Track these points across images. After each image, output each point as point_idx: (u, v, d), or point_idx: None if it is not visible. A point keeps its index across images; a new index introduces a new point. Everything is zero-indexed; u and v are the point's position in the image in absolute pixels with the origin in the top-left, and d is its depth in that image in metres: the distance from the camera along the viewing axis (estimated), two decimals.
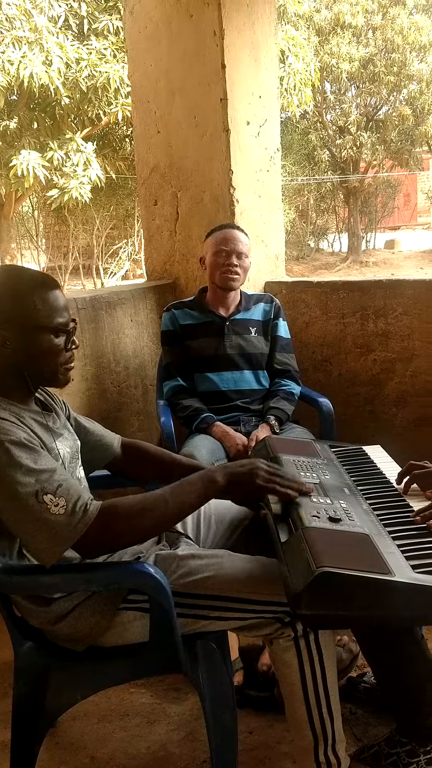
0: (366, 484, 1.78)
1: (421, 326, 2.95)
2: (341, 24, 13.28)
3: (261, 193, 3.23)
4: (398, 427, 3.10)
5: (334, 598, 1.26)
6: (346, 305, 3.16)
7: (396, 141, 14.82)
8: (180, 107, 3.11)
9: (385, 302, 3.04)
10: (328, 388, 3.16)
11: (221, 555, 1.56)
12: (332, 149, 14.87)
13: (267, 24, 3.11)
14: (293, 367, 2.79)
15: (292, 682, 1.50)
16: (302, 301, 3.29)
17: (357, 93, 14.58)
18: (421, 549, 1.39)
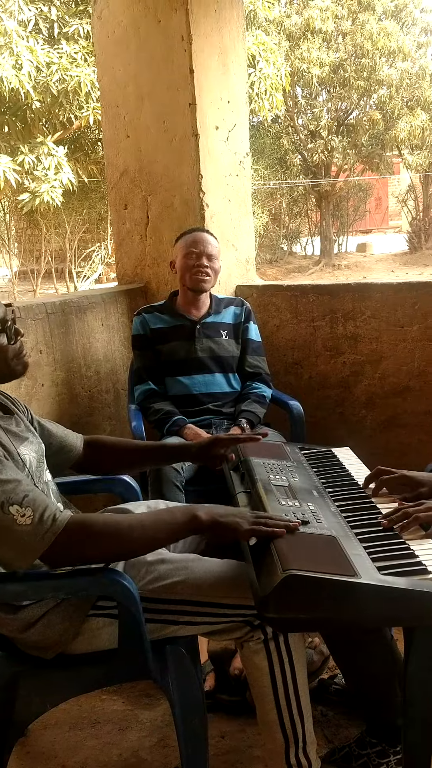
0: (334, 486, 1.79)
1: (389, 329, 2.99)
2: (311, 29, 13.37)
3: (231, 198, 3.24)
4: (368, 428, 3.13)
5: (301, 601, 1.27)
6: (316, 309, 3.19)
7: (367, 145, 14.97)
8: (149, 112, 3.11)
9: (353, 305, 3.07)
10: (299, 391, 3.18)
11: (191, 559, 1.56)
12: (304, 153, 14.97)
13: (235, 29, 3.12)
14: (264, 370, 2.81)
15: (262, 684, 1.50)
16: (273, 305, 3.31)
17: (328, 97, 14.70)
18: (386, 551, 1.40)
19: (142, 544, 1.44)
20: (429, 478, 1.74)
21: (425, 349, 2.91)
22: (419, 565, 1.36)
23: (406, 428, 3.03)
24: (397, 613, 1.31)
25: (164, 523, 1.44)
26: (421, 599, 1.27)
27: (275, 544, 1.37)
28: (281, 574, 1.26)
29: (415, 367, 2.96)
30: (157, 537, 1.44)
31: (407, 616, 1.34)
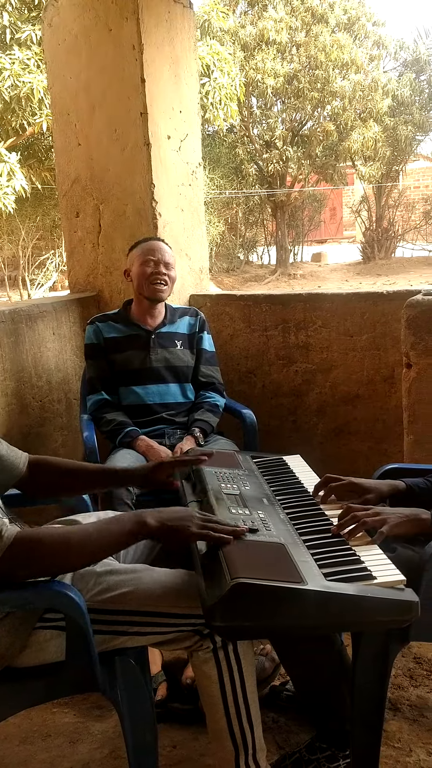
0: (284, 493, 1.81)
1: (339, 338, 3.03)
2: (266, 40, 13.51)
3: (184, 207, 3.26)
4: (319, 436, 3.17)
5: (249, 609, 1.27)
6: (269, 318, 3.22)
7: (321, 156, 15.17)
8: (100, 120, 3.11)
9: (305, 315, 3.11)
10: (253, 400, 3.21)
11: (140, 570, 1.55)
12: (259, 163, 15.09)
13: (186, 39, 3.15)
14: (218, 380, 2.82)
15: (212, 693, 1.51)
16: (226, 314, 3.33)
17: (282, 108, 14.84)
18: (333, 557, 1.42)
19: (91, 555, 1.43)
20: (376, 484, 1.77)
21: (374, 357, 2.97)
22: (365, 570, 1.38)
23: (356, 435, 3.08)
24: (343, 618, 1.33)
25: (112, 532, 1.43)
26: (365, 605, 1.29)
27: (224, 553, 1.38)
28: (229, 582, 1.27)
29: (365, 375, 3.01)
30: (105, 546, 1.43)
31: (352, 622, 1.36)
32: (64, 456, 2.70)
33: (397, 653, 1.61)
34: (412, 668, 2.16)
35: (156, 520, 1.43)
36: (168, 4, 3.04)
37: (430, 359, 2.40)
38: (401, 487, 1.80)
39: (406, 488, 1.81)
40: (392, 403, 2.91)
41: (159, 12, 3.00)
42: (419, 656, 2.21)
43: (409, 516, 1.60)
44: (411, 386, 2.48)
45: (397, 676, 2.12)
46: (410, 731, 1.88)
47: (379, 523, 1.55)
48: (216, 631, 1.42)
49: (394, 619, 1.31)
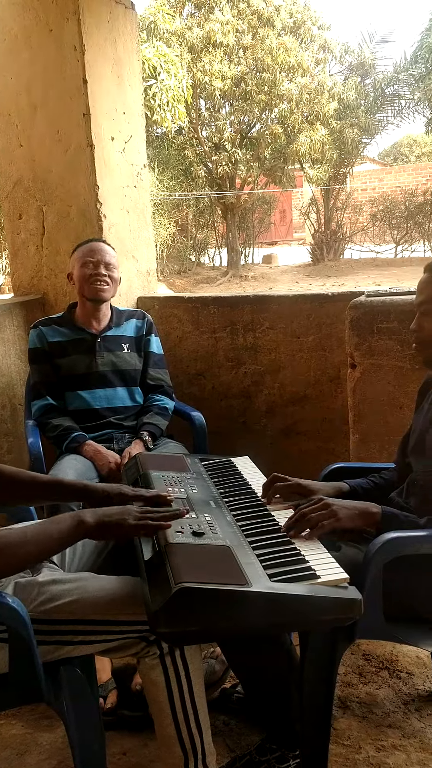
0: (231, 495, 1.81)
1: (286, 340, 3.05)
2: (213, 42, 13.52)
3: (129, 209, 3.23)
4: (269, 437, 3.19)
5: (193, 613, 1.27)
6: (217, 320, 3.22)
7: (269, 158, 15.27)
8: (42, 121, 3.07)
9: (252, 317, 3.12)
10: (203, 402, 3.21)
11: (85, 578, 1.53)
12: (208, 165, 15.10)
13: (129, 41, 3.13)
14: (166, 383, 2.80)
15: (159, 699, 1.49)
16: (175, 317, 3.32)
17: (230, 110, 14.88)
18: (278, 558, 1.43)
19: (29, 556, 1.40)
20: (321, 486, 1.79)
21: (320, 358, 3.00)
22: (309, 570, 1.39)
23: (305, 435, 3.10)
24: (287, 619, 1.33)
25: (50, 532, 1.41)
26: (309, 604, 1.30)
27: (169, 558, 1.37)
28: (173, 587, 1.26)
29: (312, 376, 3.03)
30: (44, 547, 1.40)
31: (297, 622, 1.37)
32: (10, 463, 2.64)
33: (344, 651, 1.63)
34: (361, 665, 2.19)
35: (93, 518, 1.42)
36: (109, 6, 3.02)
37: (373, 359, 2.43)
38: (345, 488, 1.83)
39: (350, 489, 1.84)
40: (339, 402, 2.94)
41: (100, 13, 2.97)
42: (368, 653, 2.23)
43: (359, 510, 1.62)
44: (355, 386, 2.51)
45: (347, 673, 2.14)
46: (359, 728, 1.90)
47: (327, 516, 1.56)
48: (161, 637, 1.41)
49: (338, 617, 1.33)
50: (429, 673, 2.13)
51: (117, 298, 2.88)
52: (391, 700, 2.02)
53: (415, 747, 1.82)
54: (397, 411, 2.43)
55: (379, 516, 1.61)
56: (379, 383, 2.46)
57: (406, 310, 2.34)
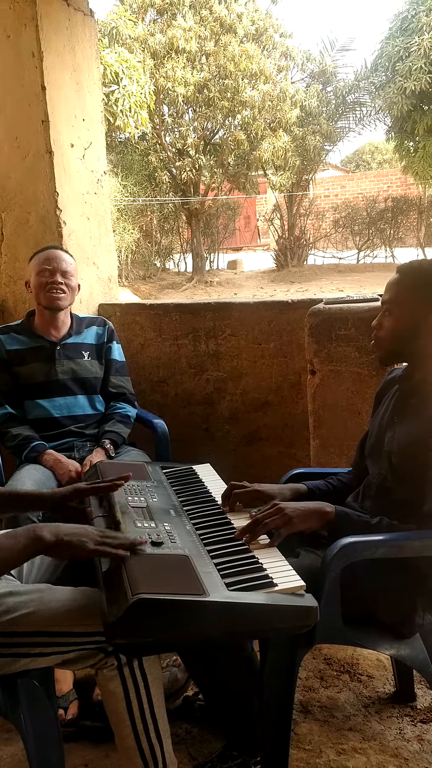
0: (192, 504, 1.81)
1: (248, 346, 3.07)
2: (175, 48, 13.55)
3: (90, 216, 3.22)
4: (232, 443, 3.20)
5: (150, 624, 1.27)
6: (179, 327, 3.22)
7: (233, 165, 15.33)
8: (1, 127, 3.04)
9: (214, 324, 3.14)
10: (166, 409, 3.21)
11: (42, 589, 1.52)
12: (172, 171, 15.10)
13: (88, 48, 3.12)
14: (128, 390, 2.79)
15: (118, 711, 1.49)
16: (136, 323, 3.32)
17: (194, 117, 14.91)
18: (236, 567, 1.43)
19: None
20: (279, 490, 1.80)
21: (281, 365, 3.02)
22: (266, 578, 1.40)
23: (267, 441, 3.12)
24: (244, 627, 1.34)
25: (6, 547, 1.39)
26: (265, 613, 1.31)
27: (127, 569, 1.36)
28: (130, 598, 1.26)
29: (273, 382, 3.06)
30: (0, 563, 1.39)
31: (254, 630, 1.38)
32: None
33: (303, 657, 1.64)
34: (322, 669, 2.20)
35: (52, 535, 1.41)
36: (68, 12, 3.01)
37: (332, 366, 2.46)
38: (303, 490, 1.85)
39: (308, 491, 1.86)
40: (299, 408, 2.97)
41: (59, 20, 2.96)
42: (329, 657, 2.25)
43: (312, 510, 1.64)
44: (315, 392, 2.54)
45: (308, 678, 2.16)
46: (320, 732, 1.92)
47: (280, 522, 1.58)
48: (118, 649, 1.41)
49: (294, 625, 1.34)
50: (389, 676, 2.15)
51: (78, 305, 2.87)
52: (351, 704, 2.04)
53: (375, 750, 1.84)
54: (355, 416, 2.46)
55: (333, 515, 1.63)
56: (338, 389, 2.49)
57: (363, 318, 2.37)
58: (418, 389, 1.72)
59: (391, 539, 1.60)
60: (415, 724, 1.95)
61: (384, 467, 1.76)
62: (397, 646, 1.66)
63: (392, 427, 1.77)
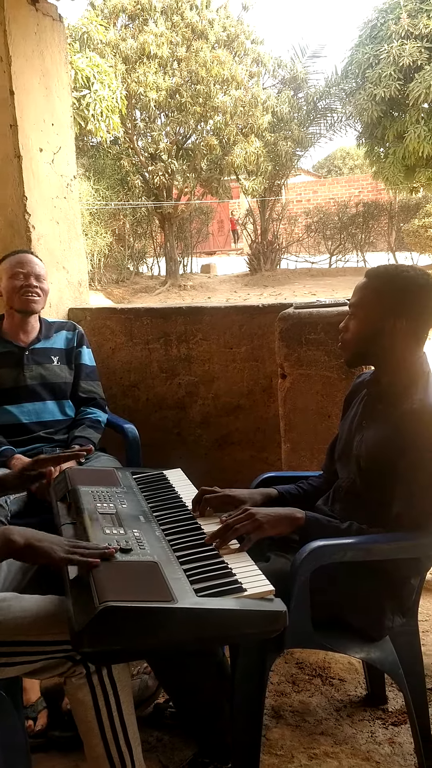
0: (162, 509, 1.80)
1: (219, 350, 3.07)
2: (147, 54, 13.55)
3: (59, 220, 3.20)
4: (204, 447, 3.19)
5: (118, 632, 1.25)
6: (150, 331, 3.21)
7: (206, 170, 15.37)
8: None
9: (186, 328, 3.13)
10: (137, 414, 3.19)
11: (9, 599, 1.50)
12: (145, 175, 15.09)
13: (57, 53, 3.10)
14: (99, 395, 2.77)
15: (87, 719, 1.47)
16: (107, 328, 3.30)
17: (166, 121, 14.93)
18: (205, 572, 1.43)
19: None
20: (250, 495, 1.80)
21: (252, 369, 3.02)
22: (235, 583, 1.39)
23: (239, 445, 3.12)
24: (213, 633, 1.33)
25: None
26: (233, 618, 1.31)
27: (94, 576, 1.35)
28: (97, 606, 1.25)
29: (245, 386, 3.06)
30: None
31: (222, 636, 1.37)
32: None
33: (273, 662, 1.64)
34: (294, 674, 2.20)
35: (22, 538, 1.40)
36: (37, 17, 2.99)
37: (302, 370, 2.47)
38: (274, 494, 1.85)
39: (279, 495, 1.86)
40: (271, 412, 2.97)
41: (27, 24, 2.94)
42: (301, 661, 2.25)
43: (283, 515, 1.64)
44: (286, 396, 2.54)
45: (280, 682, 2.16)
46: (292, 737, 1.91)
47: (251, 527, 1.58)
48: (86, 657, 1.39)
49: (263, 630, 1.33)
50: (360, 679, 2.16)
51: (47, 309, 2.85)
52: (323, 708, 2.04)
53: (347, 753, 1.84)
54: (325, 420, 2.47)
55: (303, 520, 1.64)
56: (308, 393, 2.50)
57: (332, 322, 2.38)
58: (386, 393, 1.73)
59: (359, 542, 1.61)
60: (386, 727, 1.96)
61: (353, 471, 1.77)
62: (367, 650, 1.67)
63: (361, 431, 1.77)
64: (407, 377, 1.69)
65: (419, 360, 1.70)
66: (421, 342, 1.71)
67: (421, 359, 1.70)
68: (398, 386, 1.69)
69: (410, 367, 1.69)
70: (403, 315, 1.65)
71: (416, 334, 1.68)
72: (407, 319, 1.65)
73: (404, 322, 1.65)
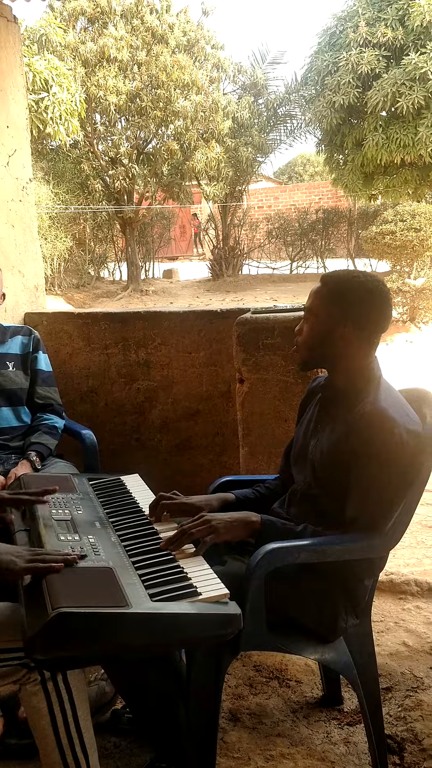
0: (118, 515, 1.80)
1: (178, 355, 3.07)
2: (107, 57, 13.51)
3: (15, 223, 3.17)
4: (163, 452, 3.19)
5: (71, 638, 1.25)
6: (108, 336, 3.20)
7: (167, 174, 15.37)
8: None
9: (144, 333, 3.13)
10: (96, 419, 3.17)
11: None
12: (105, 179, 15.02)
13: (12, 55, 3.08)
14: (56, 401, 2.75)
15: (42, 726, 1.46)
16: (64, 332, 3.27)
17: (126, 126, 14.88)
18: (160, 577, 1.43)
19: None
20: (207, 501, 1.81)
21: (211, 374, 3.03)
22: (190, 587, 1.40)
23: (198, 450, 3.13)
24: (167, 638, 1.34)
25: None
26: (187, 622, 1.31)
27: (48, 583, 1.34)
28: (50, 613, 1.24)
29: (204, 391, 3.07)
30: None
31: (176, 640, 1.37)
32: None
33: (229, 665, 1.65)
34: (252, 676, 2.21)
35: None
36: None
37: (259, 374, 2.49)
38: (231, 499, 1.86)
39: (236, 500, 1.87)
40: (230, 417, 2.99)
41: None
42: (259, 664, 2.26)
43: (238, 519, 1.65)
44: (244, 400, 2.56)
45: (238, 685, 2.16)
46: (249, 740, 1.92)
47: (207, 532, 1.58)
48: (38, 664, 1.38)
49: (218, 633, 1.34)
50: (317, 680, 2.18)
51: (2, 314, 2.82)
52: (280, 710, 2.06)
53: (303, 754, 1.86)
54: (283, 423, 2.49)
55: (259, 524, 1.65)
56: (265, 397, 2.52)
57: (289, 327, 2.41)
58: (339, 397, 1.75)
59: (312, 544, 1.62)
60: (341, 727, 1.98)
61: (308, 474, 1.79)
62: (321, 651, 1.69)
63: (316, 435, 1.80)
64: (360, 381, 1.71)
65: (371, 364, 1.73)
66: (373, 347, 1.74)
67: (373, 363, 1.73)
68: (351, 390, 1.72)
69: (362, 371, 1.72)
70: (355, 320, 1.68)
71: (368, 339, 1.71)
72: (358, 324, 1.68)
73: (355, 327, 1.68)
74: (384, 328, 1.72)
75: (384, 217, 10.08)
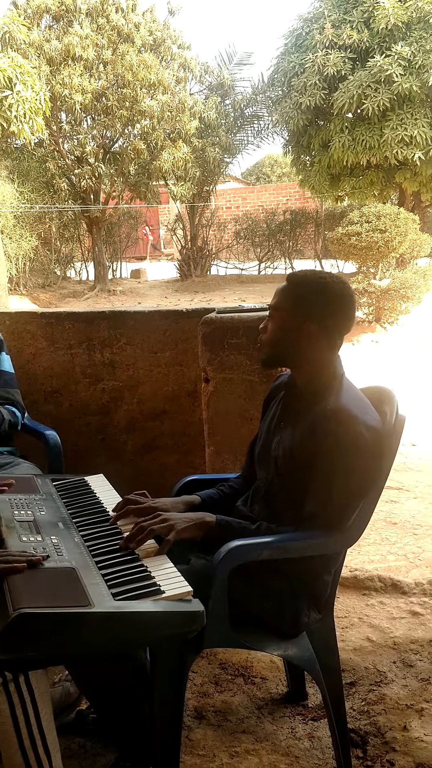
0: (82, 515, 1.80)
1: (144, 355, 3.07)
2: (72, 56, 13.41)
3: None
4: (129, 453, 3.18)
5: (33, 638, 1.25)
6: (73, 336, 3.18)
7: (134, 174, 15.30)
8: None
9: (109, 333, 3.12)
10: (60, 420, 3.15)
11: None
12: (71, 178, 14.91)
13: None
14: (18, 403, 2.72)
15: (4, 728, 1.45)
16: (27, 332, 3.25)
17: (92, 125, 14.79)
18: (123, 576, 1.43)
19: None
20: (173, 504, 1.81)
21: (177, 373, 3.04)
22: (154, 586, 1.40)
23: (164, 450, 3.13)
24: (130, 636, 1.34)
25: None
26: (150, 620, 1.32)
27: (9, 583, 1.34)
28: (11, 613, 1.23)
29: (170, 390, 3.07)
30: None
31: (140, 638, 1.38)
32: None
33: (192, 662, 1.66)
34: (217, 674, 2.22)
35: None
36: None
37: (224, 374, 2.50)
38: (197, 501, 1.87)
39: (202, 502, 1.88)
40: (196, 416, 2.99)
41: None
42: (224, 661, 2.27)
43: (194, 520, 1.66)
44: (209, 400, 2.57)
45: (204, 683, 2.17)
46: (214, 737, 1.93)
47: (166, 530, 1.59)
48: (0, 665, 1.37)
49: (181, 630, 1.35)
50: (282, 677, 2.20)
51: None
52: (245, 706, 2.07)
53: (267, 750, 1.88)
54: (248, 423, 2.51)
55: (214, 524, 1.66)
56: (230, 396, 2.53)
57: (253, 326, 2.42)
58: (302, 395, 1.78)
59: (275, 541, 1.64)
60: (306, 723, 2.00)
61: (271, 472, 1.80)
62: (284, 647, 1.70)
63: (279, 432, 1.81)
64: (322, 379, 1.74)
65: (334, 363, 1.76)
66: (336, 346, 1.76)
67: (335, 362, 1.76)
68: (314, 388, 1.74)
69: (325, 370, 1.74)
70: (318, 319, 1.70)
71: (331, 338, 1.73)
72: (322, 324, 1.70)
73: (319, 326, 1.70)
74: (348, 328, 1.75)
75: (350, 219, 10.17)
